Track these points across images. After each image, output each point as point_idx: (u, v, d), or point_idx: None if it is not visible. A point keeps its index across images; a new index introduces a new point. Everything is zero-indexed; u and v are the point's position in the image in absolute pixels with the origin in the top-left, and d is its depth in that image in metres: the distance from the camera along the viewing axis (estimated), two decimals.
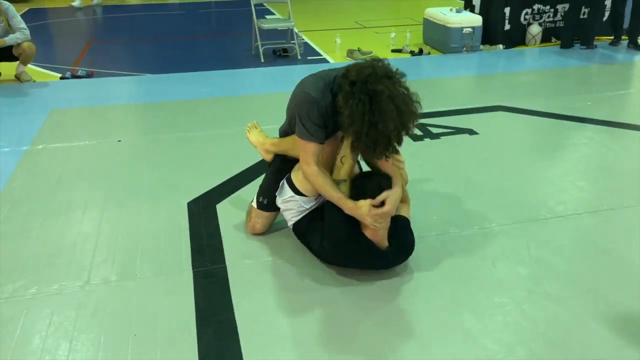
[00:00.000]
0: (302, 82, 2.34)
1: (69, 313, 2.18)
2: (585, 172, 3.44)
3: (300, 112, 2.23)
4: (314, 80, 2.26)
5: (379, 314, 2.18)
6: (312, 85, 2.24)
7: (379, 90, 2.00)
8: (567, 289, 2.31)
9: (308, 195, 2.43)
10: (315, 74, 2.32)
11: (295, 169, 2.49)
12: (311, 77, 2.30)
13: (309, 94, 2.21)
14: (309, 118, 2.21)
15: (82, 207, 2.98)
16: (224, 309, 2.20)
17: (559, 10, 6.78)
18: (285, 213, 2.52)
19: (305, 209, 2.46)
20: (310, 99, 2.20)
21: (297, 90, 2.34)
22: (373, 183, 2.27)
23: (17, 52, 5.16)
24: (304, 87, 2.28)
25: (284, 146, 2.55)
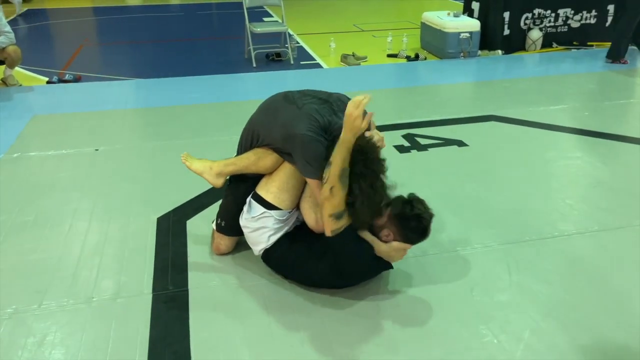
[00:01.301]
0: (289, 121, 2.22)
1: (16, 340, 2.06)
2: (577, 189, 3.28)
3: (305, 153, 2.15)
4: (306, 119, 2.20)
5: (345, 343, 2.05)
6: (306, 125, 2.18)
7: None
8: (548, 319, 2.17)
9: (283, 207, 2.30)
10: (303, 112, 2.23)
11: (262, 184, 2.36)
12: (302, 116, 2.21)
13: (308, 136, 2.15)
14: (313, 156, 2.14)
15: (49, 222, 2.87)
16: (180, 337, 2.08)
17: (560, 15, 6.61)
18: (255, 235, 2.35)
19: (282, 224, 2.33)
20: (313, 140, 2.15)
21: (286, 130, 2.21)
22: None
23: (2, 56, 5.08)
24: (297, 128, 2.17)
25: (243, 163, 2.38)
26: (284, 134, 2.23)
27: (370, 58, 6.26)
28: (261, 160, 2.33)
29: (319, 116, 2.21)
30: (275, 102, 2.40)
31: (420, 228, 2.20)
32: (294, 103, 2.29)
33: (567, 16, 6.66)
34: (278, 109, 2.33)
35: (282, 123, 2.25)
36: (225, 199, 2.52)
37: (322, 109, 2.25)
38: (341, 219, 2.12)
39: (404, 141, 3.89)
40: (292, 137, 2.19)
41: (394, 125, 4.15)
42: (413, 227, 2.19)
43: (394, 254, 2.23)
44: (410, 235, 2.20)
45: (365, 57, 6.19)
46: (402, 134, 4.00)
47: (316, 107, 2.25)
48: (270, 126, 2.31)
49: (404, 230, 2.19)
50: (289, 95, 2.37)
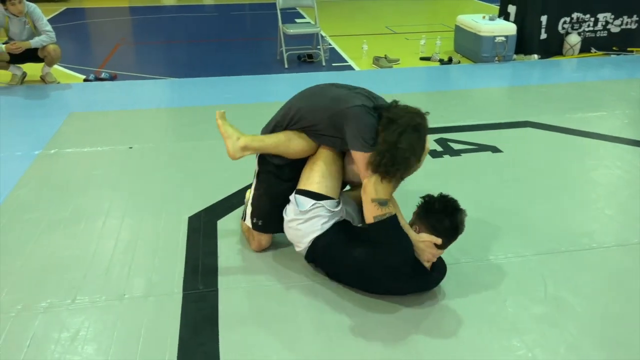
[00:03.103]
0: (340, 97, 2.29)
1: (50, 334, 2.10)
2: (617, 199, 3.17)
3: (360, 123, 2.19)
4: (362, 98, 2.28)
5: (373, 350, 2.02)
6: (361, 101, 2.25)
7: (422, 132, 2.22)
8: (585, 335, 2.10)
9: (331, 195, 2.31)
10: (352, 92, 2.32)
11: (303, 179, 2.37)
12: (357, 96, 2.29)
13: (364, 108, 2.21)
14: (368, 128, 2.18)
15: (83, 219, 2.92)
16: (209, 338, 2.08)
17: (600, 19, 6.43)
18: (307, 225, 2.29)
19: (333, 214, 2.31)
20: (367, 113, 2.21)
21: (337, 104, 2.26)
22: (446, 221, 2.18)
23: (42, 54, 5.20)
24: (354, 102, 2.24)
25: (272, 141, 2.36)
26: (334, 108, 2.26)
27: (403, 61, 6.21)
28: (292, 142, 2.34)
29: (370, 95, 2.31)
30: (322, 87, 2.46)
31: (451, 222, 2.16)
32: (343, 87, 2.38)
33: (607, 21, 6.48)
34: (326, 91, 2.38)
35: (332, 98, 2.30)
36: (258, 197, 2.51)
37: (370, 94, 2.34)
38: (385, 207, 2.12)
39: (437, 146, 3.83)
40: (344, 111, 2.22)
41: None
42: (442, 220, 2.15)
43: (422, 246, 2.17)
44: (439, 227, 2.15)
45: (398, 60, 6.14)
46: (435, 138, 3.94)
47: (365, 92, 2.33)
48: (317, 105, 2.33)
49: (432, 223, 2.16)
50: (336, 83, 2.45)
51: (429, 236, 2.18)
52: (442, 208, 2.19)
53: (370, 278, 2.26)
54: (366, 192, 2.16)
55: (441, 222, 2.17)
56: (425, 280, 2.28)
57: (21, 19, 5.08)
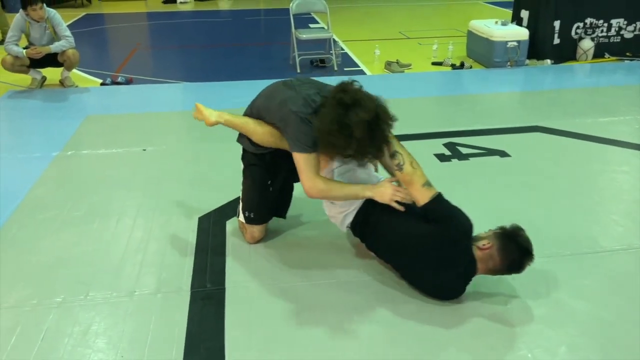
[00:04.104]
0: (284, 101, 2.38)
1: (63, 329, 2.18)
2: (623, 204, 3.18)
3: (295, 130, 2.31)
4: (301, 101, 2.34)
5: (380, 349, 2.06)
6: (297, 106, 2.33)
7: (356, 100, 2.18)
8: (585, 336, 2.12)
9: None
10: (299, 94, 2.36)
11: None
12: (297, 98, 2.35)
13: (298, 115, 2.30)
14: (304, 135, 2.29)
15: (97, 218, 3.01)
16: (215, 335, 2.14)
17: (613, 25, 6.41)
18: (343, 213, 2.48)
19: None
20: (301, 119, 2.30)
21: (281, 108, 2.37)
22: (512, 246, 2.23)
23: (62, 59, 5.34)
24: (291, 107, 2.33)
25: (242, 119, 2.59)
26: (279, 113, 2.39)
27: (415, 65, 6.25)
28: (260, 125, 2.52)
29: (311, 101, 2.33)
30: (275, 87, 2.55)
31: (519, 259, 2.21)
32: (292, 88, 2.43)
33: (620, 26, 6.45)
34: (277, 92, 2.48)
35: (278, 102, 2.41)
36: (246, 191, 2.66)
37: (315, 95, 2.36)
38: (431, 186, 2.30)
39: (445, 150, 3.86)
40: (286, 115, 2.34)
41: (435, 134, 4.13)
42: (513, 251, 2.21)
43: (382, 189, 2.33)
44: (507, 254, 2.21)
45: (410, 65, 6.18)
46: (444, 142, 3.98)
47: (311, 93, 2.37)
48: (269, 107, 2.48)
49: (504, 246, 2.21)
50: (287, 82, 2.52)
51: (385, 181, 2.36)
52: (521, 243, 2.23)
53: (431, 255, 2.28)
54: (414, 181, 2.29)
55: (511, 253, 2.21)
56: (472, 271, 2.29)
57: (42, 25, 5.22)
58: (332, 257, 2.64)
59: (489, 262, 2.23)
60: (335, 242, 2.76)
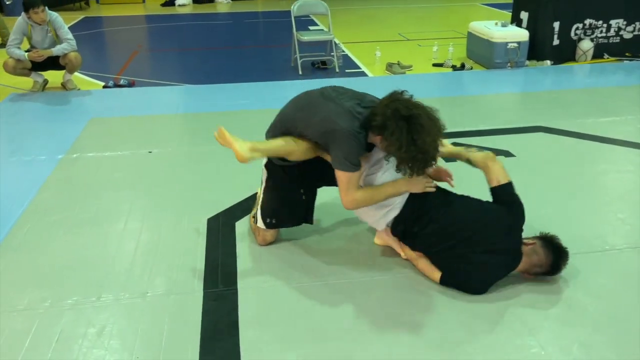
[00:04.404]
0: (329, 116, 2.30)
1: (77, 330, 2.18)
2: (629, 203, 3.20)
3: (345, 147, 2.28)
4: (349, 117, 2.28)
5: (395, 349, 2.08)
6: (345, 121, 2.27)
7: (414, 115, 2.20)
8: (597, 334, 2.14)
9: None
10: (344, 109, 2.30)
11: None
12: (344, 113, 2.29)
13: (349, 132, 2.26)
14: (355, 152, 2.29)
15: (106, 219, 3.02)
16: (230, 335, 2.15)
17: (612, 25, 6.45)
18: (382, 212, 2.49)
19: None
20: (353, 136, 2.27)
21: (326, 124, 2.30)
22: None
23: (64, 61, 5.34)
24: (339, 124, 2.26)
25: (277, 143, 2.45)
26: (323, 128, 2.31)
27: (416, 67, 6.27)
28: (296, 143, 2.41)
29: (356, 113, 2.29)
30: (311, 98, 2.45)
31: (555, 261, 2.37)
32: (332, 100, 2.35)
33: (620, 27, 6.50)
34: (315, 105, 2.39)
35: (322, 118, 2.32)
36: (270, 200, 2.63)
37: (357, 106, 2.32)
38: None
39: None
40: (331, 133, 2.28)
41: None
42: (549, 255, 2.36)
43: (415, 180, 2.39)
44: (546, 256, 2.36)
45: (411, 66, 6.20)
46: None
47: (353, 104, 2.32)
48: (308, 121, 2.37)
49: (546, 245, 2.37)
50: (325, 92, 2.42)
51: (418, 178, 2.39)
52: (560, 244, 2.40)
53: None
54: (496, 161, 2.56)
55: (552, 252, 2.37)
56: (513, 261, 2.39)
57: (43, 28, 5.23)
58: (343, 258, 2.65)
59: (533, 256, 2.35)
60: (346, 243, 2.78)
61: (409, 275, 2.50)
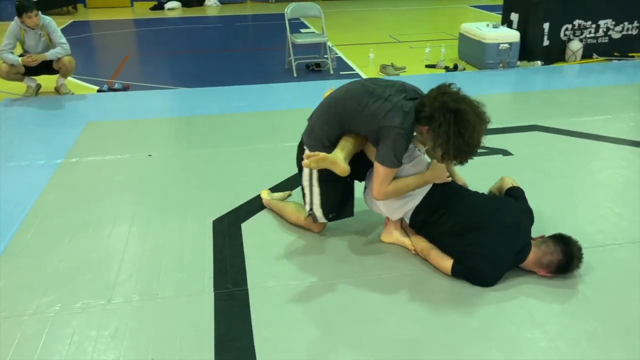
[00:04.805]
0: (381, 113, 2.36)
1: (89, 333, 2.18)
2: (625, 198, 3.27)
3: (395, 145, 2.36)
4: (401, 114, 2.35)
5: (405, 345, 2.10)
6: (399, 119, 2.34)
7: (461, 109, 2.26)
8: (604, 326, 2.18)
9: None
10: (394, 105, 2.37)
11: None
12: (395, 110, 2.35)
13: (402, 130, 2.34)
14: (402, 149, 2.39)
15: (110, 223, 3.01)
16: (243, 334, 2.16)
17: (601, 26, 6.57)
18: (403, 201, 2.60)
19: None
20: (405, 134, 2.35)
21: (379, 121, 2.36)
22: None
23: (58, 66, 5.31)
24: (393, 121, 2.34)
25: (351, 141, 2.53)
26: (372, 125, 2.39)
27: (409, 69, 6.33)
28: (358, 137, 2.55)
29: (406, 108, 2.36)
30: (357, 94, 2.49)
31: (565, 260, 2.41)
32: (379, 96, 2.41)
33: (608, 27, 6.61)
34: (364, 101, 2.44)
35: (370, 114, 2.39)
36: (326, 195, 2.68)
37: (404, 100, 2.38)
38: None
39: None
40: (382, 129, 2.36)
41: None
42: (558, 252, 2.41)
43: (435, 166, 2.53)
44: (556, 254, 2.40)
45: (404, 68, 6.26)
46: None
47: (400, 99, 2.38)
48: (358, 117, 2.44)
49: (557, 243, 2.42)
50: (367, 86, 2.49)
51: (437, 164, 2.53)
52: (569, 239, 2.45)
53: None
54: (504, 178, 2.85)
55: (564, 247, 2.41)
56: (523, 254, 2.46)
57: (37, 32, 5.19)
58: (350, 256, 2.68)
59: (542, 245, 2.42)
60: (352, 241, 2.80)
61: (417, 272, 2.54)
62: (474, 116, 2.27)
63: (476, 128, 2.26)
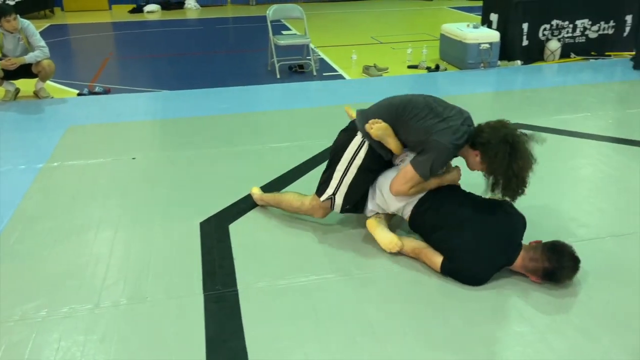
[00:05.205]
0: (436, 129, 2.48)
1: (77, 338, 2.14)
2: (607, 194, 3.33)
3: (437, 158, 2.50)
4: (453, 135, 2.47)
5: (393, 343, 2.11)
6: (451, 138, 2.47)
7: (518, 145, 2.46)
8: (591, 319, 2.22)
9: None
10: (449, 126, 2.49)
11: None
12: (449, 130, 2.48)
13: (450, 148, 2.48)
14: (440, 165, 2.55)
15: (95, 227, 2.97)
16: (235, 335, 2.15)
17: (578, 26, 6.69)
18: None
19: None
20: (450, 152, 2.51)
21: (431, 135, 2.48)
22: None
23: (37, 69, 5.23)
24: (443, 138, 2.46)
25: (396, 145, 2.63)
26: (427, 136, 2.50)
27: (391, 69, 6.37)
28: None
29: (461, 132, 2.49)
30: (418, 104, 2.59)
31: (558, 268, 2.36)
32: (440, 116, 2.52)
33: (585, 27, 6.74)
34: (422, 112, 2.55)
35: (426, 127, 2.50)
36: (354, 187, 2.72)
37: (462, 126, 2.51)
38: None
39: None
40: (433, 142, 2.47)
41: None
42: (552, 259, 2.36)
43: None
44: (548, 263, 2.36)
45: (387, 69, 6.29)
46: None
47: (459, 124, 2.50)
48: (411, 124, 2.55)
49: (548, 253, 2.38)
50: (431, 104, 2.58)
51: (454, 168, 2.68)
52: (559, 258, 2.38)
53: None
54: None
55: (543, 260, 2.37)
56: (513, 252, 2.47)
57: (15, 36, 5.11)
58: (339, 254, 2.69)
59: (530, 251, 2.41)
60: (341, 240, 2.81)
61: (407, 271, 2.55)
62: (527, 154, 2.45)
63: (526, 164, 2.43)
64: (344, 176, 2.71)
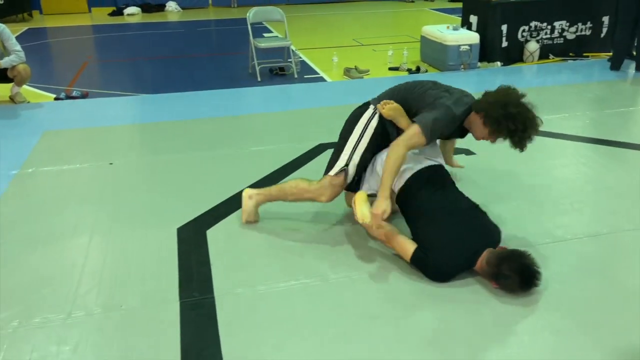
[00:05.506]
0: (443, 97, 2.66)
1: (49, 349, 2.10)
2: (584, 193, 3.36)
3: (440, 117, 2.60)
4: (456, 103, 2.64)
5: (373, 348, 2.10)
6: (455, 105, 2.63)
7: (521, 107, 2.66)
8: (567, 320, 2.23)
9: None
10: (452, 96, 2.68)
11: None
12: (452, 98, 2.66)
13: (453, 110, 2.61)
14: (442, 126, 2.62)
15: (70, 234, 2.92)
16: (210, 344, 2.12)
17: (556, 27, 6.77)
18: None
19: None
20: (453, 116, 2.62)
21: (437, 100, 2.64)
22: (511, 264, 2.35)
23: (12, 74, 5.14)
24: (446, 102, 2.62)
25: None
26: (431, 100, 2.67)
27: (372, 71, 6.37)
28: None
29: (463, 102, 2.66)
30: (425, 82, 2.83)
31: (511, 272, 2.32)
32: (444, 89, 2.75)
33: (563, 28, 6.82)
34: (427, 86, 2.78)
35: (432, 95, 2.68)
36: (370, 150, 2.82)
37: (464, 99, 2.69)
38: None
39: None
40: (436, 103, 2.63)
41: None
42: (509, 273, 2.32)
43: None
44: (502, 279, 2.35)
45: (368, 71, 6.30)
46: None
47: (461, 95, 2.70)
48: (418, 95, 2.75)
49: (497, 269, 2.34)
50: (437, 83, 2.82)
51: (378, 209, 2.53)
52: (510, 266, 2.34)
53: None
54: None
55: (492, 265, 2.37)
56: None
57: None
58: (318, 258, 2.67)
59: (489, 254, 2.40)
60: (322, 244, 2.79)
61: (385, 273, 2.54)
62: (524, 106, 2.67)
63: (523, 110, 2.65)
64: (358, 142, 2.80)
